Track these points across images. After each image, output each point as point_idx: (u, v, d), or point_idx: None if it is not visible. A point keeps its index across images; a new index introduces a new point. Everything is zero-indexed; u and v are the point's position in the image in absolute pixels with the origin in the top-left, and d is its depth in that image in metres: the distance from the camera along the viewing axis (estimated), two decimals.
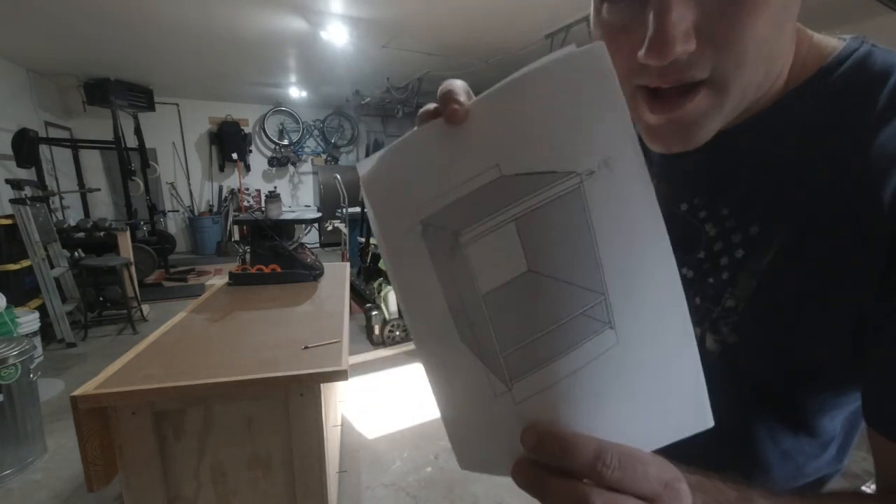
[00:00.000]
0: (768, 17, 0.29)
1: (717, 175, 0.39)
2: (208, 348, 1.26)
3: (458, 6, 3.24)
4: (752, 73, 0.31)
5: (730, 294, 0.37)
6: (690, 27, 0.29)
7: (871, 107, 0.32)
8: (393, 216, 0.28)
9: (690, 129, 0.33)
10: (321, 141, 8.00)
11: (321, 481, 1.17)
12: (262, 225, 2.23)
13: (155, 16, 3.45)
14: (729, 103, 0.32)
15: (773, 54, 0.32)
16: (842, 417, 0.42)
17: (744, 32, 0.29)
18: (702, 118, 0.32)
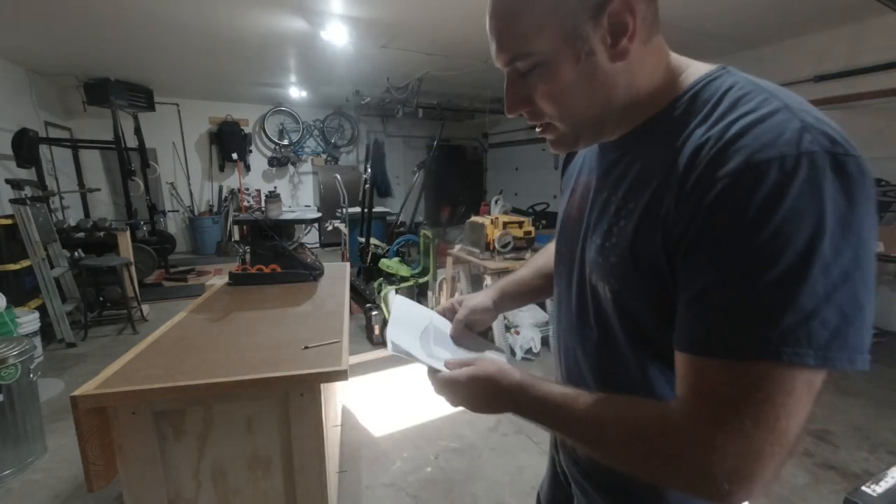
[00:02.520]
0: (560, 91, 0.49)
1: (617, 171, 0.54)
2: (208, 348, 1.26)
3: (458, 6, 3.23)
4: (573, 116, 0.51)
5: (614, 253, 0.51)
6: (520, 99, 0.52)
7: (689, 124, 0.46)
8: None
9: (557, 145, 0.56)
10: (321, 141, 8.00)
11: (321, 481, 1.17)
12: (262, 225, 2.22)
13: (155, 16, 3.45)
14: (573, 131, 0.53)
15: (589, 101, 0.49)
16: None
17: (549, 102, 0.50)
18: (562, 138, 0.54)
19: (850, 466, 2.04)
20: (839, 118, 3.54)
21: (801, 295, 0.37)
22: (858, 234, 0.37)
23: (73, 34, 3.89)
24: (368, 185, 4.45)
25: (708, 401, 0.41)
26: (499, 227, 3.20)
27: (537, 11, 0.46)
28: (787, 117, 0.40)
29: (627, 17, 0.45)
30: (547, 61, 0.47)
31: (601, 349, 0.58)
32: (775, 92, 0.43)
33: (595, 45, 0.46)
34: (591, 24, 0.45)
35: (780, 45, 4.15)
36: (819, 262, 0.36)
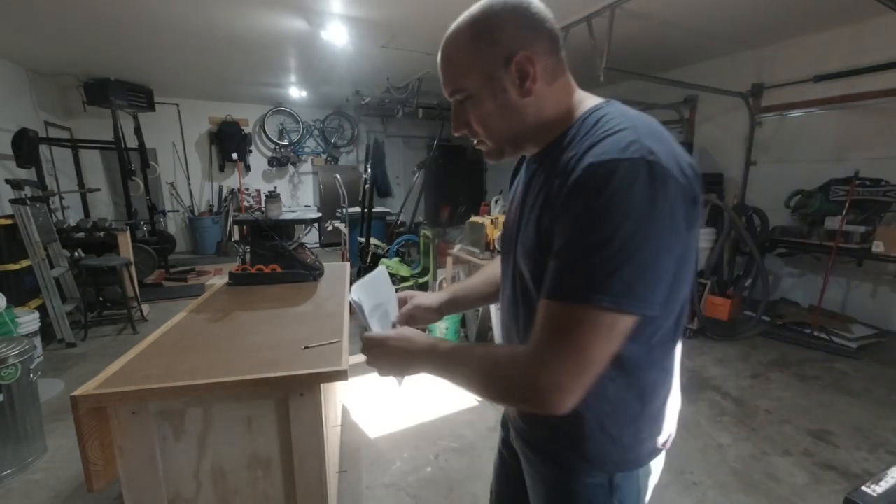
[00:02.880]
0: (483, 118, 0.67)
1: (534, 181, 0.69)
2: (208, 348, 1.26)
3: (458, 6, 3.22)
4: (495, 135, 0.69)
5: (524, 242, 0.67)
6: (460, 122, 0.71)
7: (573, 144, 0.61)
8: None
9: (489, 156, 0.73)
10: (321, 141, 8.00)
11: (321, 481, 1.17)
12: (262, 225, 2.22)
13: (155, 16, 3.45)
14: (497, 146, 0.71)
15: (506, 125, 0.67)
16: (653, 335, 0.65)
17: (478, 125, 0.69)
18: (490, 152, 0.72)
19: (850, 466, 2.04)
20: (839, 118, 3.54)
21: (606, 259, 0.52)
22: (653, 220, 0.52)
23: (73, 34, 3.89)
24: (368, 185, 4.45)
25: (543, 332, 0.57)
26: (499, 227, 3.20)
27: (467, 60, 0.65)
28: (626, 134, 0.55)
29: (529, 67, 0.63)
30: (474, 95, 0.66)
31: (528, 323, 0.67)
32: (633, 118, 0.58)
33: (507, 85, 0.64)
34: (503, 70, 0.63)
35: (780, 45, 4.15)
36: (621, 236, 0.51)
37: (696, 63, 4.90)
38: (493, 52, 0.63)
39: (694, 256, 0.63)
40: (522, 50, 0.62)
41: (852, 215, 3.35)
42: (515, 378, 0.58)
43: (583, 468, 0.69)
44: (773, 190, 4.19)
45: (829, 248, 3.38)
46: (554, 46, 0.65)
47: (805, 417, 2.45)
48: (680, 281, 0.59)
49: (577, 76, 0.74)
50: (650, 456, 0.70)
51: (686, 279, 0.62)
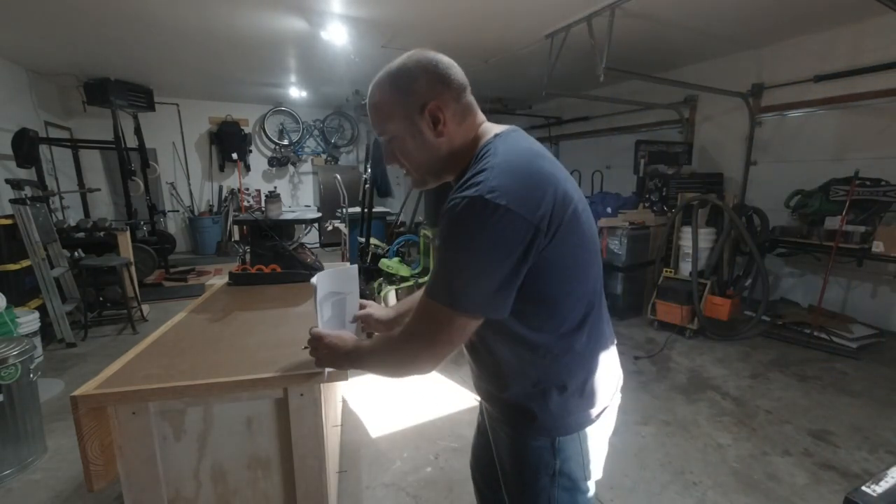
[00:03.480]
0: (405, 153, 0.82)
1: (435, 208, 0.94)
2: (208, 348, 1.26)
3: (459, 6, 3.24)
4: (418, 167, 0.83)
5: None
6: (390, 157, 0.84)
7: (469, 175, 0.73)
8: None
9: (416, 185, 0.88)
10: (321, 141, 8.00)
11: (321, 481, 1.17)
12: (262, 225, 2.22)
13: (155, 16, 3.45)
14: (422, 178, 0.86)
15: (424, 160, 0.82)
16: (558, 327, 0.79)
17: (402, 159, 0.83)
18: (415, 182, 0.88)
19: (850, 466, 2.04)
20: (839, 118, 3.54)
21: (447, 271, 0.71)
22: (480, 245, 0.67)
23: (73, 34, 3.89)
24: (368, 185, 4.45)
25: (413, 318, 0.76)
26: None
27: (388, 108, 0.79)
28: (483, 174, 0.69)
29: (439, 114, 0.77)
30: (397, 136, 0.80)
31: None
32: (501, 156, 0.72)
33: (423, 128, 0.78)
34: (418, 116, 0.77)
35: (780, 45, 4.15)
36: (456, 255, 0.69)
37: (696, 63, 4.90)
38: (409, 101, 0.76)
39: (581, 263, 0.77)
40: (433, 100, 0.76)
41: (852, 215, 3.35)
42: (392, 352, 0.80)
43: (529, 433, 0.84)
44: (773, 190, 4.19)
45: (829, 248, 3.38)
46: (460, 94, 0.79)
47: (805, 417, 2.45)
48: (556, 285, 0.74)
49: (578, 76, 0.76)
50: (584, 424, 0.83)
51: (570, 283, 0.76)
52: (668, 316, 3.67)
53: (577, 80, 5.46)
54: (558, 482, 0.84)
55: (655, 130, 5.52)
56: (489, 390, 0.89)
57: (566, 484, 0.84)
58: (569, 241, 0.72)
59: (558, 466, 0.83)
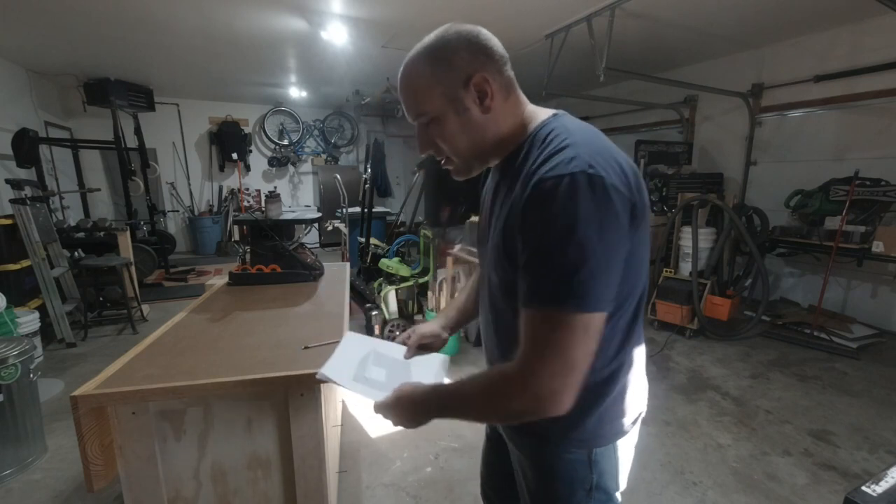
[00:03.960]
0: (448, 136, 0.72)
1: (499, 191, 0.76)
2: (208, 348, 1.26)
3: (458, 6, 3.23)
4: (461, 152, 0.74)
5: (492, 247, 0.73)
6: (426, 143, 0.75)
7: (528, 156, 0.68)
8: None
9: (458, 173, 0.79)
10: (321, 141, 8.00)
11: (321, 481, 1.17)
12: (262, 225, 2.22)
13: (155, 16, 3.45)
14: (462, 163, 0.76)
15: (470, 142, 0.72)
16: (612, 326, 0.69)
17: (443, 143, 0.73)
18: (456, 169, 0.78)
19: (850, 466, 2.04)
20: (839, 118, 3.54)
21: (564, 265, 0.57)
22: (598, 226, 0.57)
23: (73, 34, 3.89)
24: (368, 185, 4.45)
25: (526, 343, 0.62)
26: None
27: (427, 86, 0.70)
28: (569, 150, 0.61)
29: (486, 86, 0.69)
30: (439, 116, 0.71)
31: (500, 324, 0.79)
32: (575, 133, 0.65)
33: (468, 104, 0.70)
34: (463, 91, 0.69)
35: (780, 45, 4.15)
36: (575, 244, 0.57)
37: (696, 63, 4.90)
38: (451, 75, 0.69)
39: (643, 257, 0.69)
40: (478, 71, 0.69)
41: (852, 215, 3.35)
42: (513, 394, 0.62)
43: (563, 445, 0.76)
44: (773, 190, 4.19)
45: (829, 248, 3.38)
46: (503, 66, 0.71)
47: (805, 417, 2.45)
48: (627, 281, 0.66)
49: (578, 76, 0.76)
50: (620, 433, 0.78)
51: (634, 279, 0.68)
52: (668, 316, 3.67)
53: (577, 80, 5.46)
54: (594, 497, 0.77)
55: (655, 130, 5.52)
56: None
57: (602, 498, 0.78)
58: (642, 228, 0.66)
59: (595, 481, 0.76)
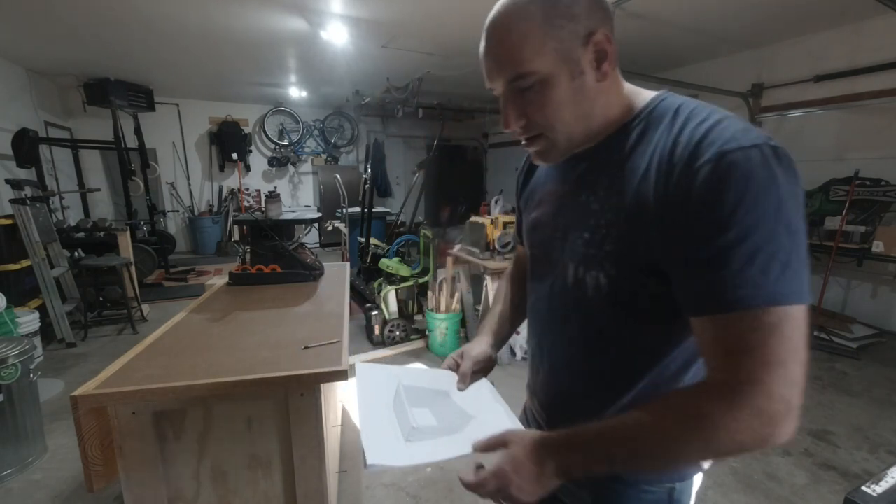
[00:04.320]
0: (557, 104, 0.57)
1: (592, 174, 0.63)
2: (208, 348, 1.26)
3: (458, 6, 3.23)
4: (565, 126, 0.59)
5: (608, 242, 0.58)
6: (518, 115, 0.60)
7: (655, 131, 0.56)
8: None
9: (544, 155, 0.64)
10: (321, 141, 8.00)
11: (321, 481, 1.17)
12: (262, 225, 2.22)
13: (155, 16, 3.45)
14: (561, 141, 0.61)
15: (579, 115, 0.59)
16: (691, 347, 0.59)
17: (545, 114, 0.58)
18: (546, 150, 0.63)
19: (850, 466, 2.04)
20: (839, 118, 3.54)
21: (778, 251, 0.46)
22: (798, 203, 0.48)
23: (73, 34, 3.89)
24: (368, 185, 4.45)
25: (740, 355, 0.47)
26: (499, 227, 3.20)
27: (538, 38, 0.54)
28: (733, 121, 0.51)
29: (607, 46, 0.56)
30: (548, 78, 0.56)
31: (581, 336, 0.65)
32: (713, 107, 0.55)
33: (585, 66, 0.56)
34: (581, 49, 0.55)
35: (780, 45, 4.15)
36: (784, 225, 0.47)
37: (696, 63, 4.90)
38: (570, 28, 0.54)
39: None
40: (599, 27, 0.55)
41: (852, 215, 3.35)
42: (735, 419, 0.46)
43: (642, 479, 0.64)
44: None
45: (830, 247, 3.38)
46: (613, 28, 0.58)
47: (805, 417, 2.45)
48: None
49: None
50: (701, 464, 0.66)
51: None
52: None
53: None
54: None
55: None
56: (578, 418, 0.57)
57: None
58: None
59: None
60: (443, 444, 0.63)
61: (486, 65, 0.59)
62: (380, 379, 0.77)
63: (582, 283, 0.62)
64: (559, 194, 0.69)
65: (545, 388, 0.73)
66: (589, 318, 0.63)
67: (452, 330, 3.26)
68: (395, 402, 0.70)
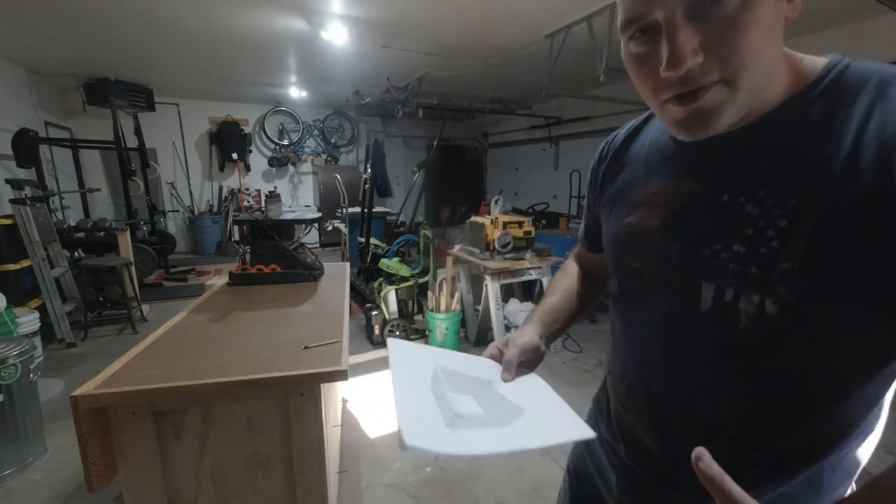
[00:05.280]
0: (757, 32, 0.40)
1: (746, 166, 0.47)
2: (208, 348, 1.26)
3: (458, 6, 3.23)
4: (754, 74, 0.42)
5: (784, 258, 0.43)
6: (697, 46, 0.40)
7: (853, 105, 0.42)
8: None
9: (709, 117, 0.44)
10: (321, 141, 8.00)
11: (321, 481, 1.17)
12: (262, 225, 2.22)
13: (155, 16, 3.45)
14: (740, 97, 0.43)
15: (769, 62, 0.43)
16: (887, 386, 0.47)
17: (740, 44, 0.40)
18: (718, 107, 0.43)
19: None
20: None
21: None
22: None
23: (73, 34, 3.89)
24: (368, 185, 4.46)
25: None
26: (499, 227, 3.20)
27: None
28: None
29: None
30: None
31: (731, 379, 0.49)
32: None
33: None
34: None
35: None
36: None
37: None
38: None
39: None
40: None
41: None
42: None
43: None
44: None
45: None
46: None
47: None
48: None
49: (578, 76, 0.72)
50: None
51: None
52: None
53: (577, 80, 5.45)
54: None
55: None
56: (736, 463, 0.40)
57: None
58: None
59: None
60: (490, 436, 0.54)
61: None
62: (415, 357, 0.68)
63: (731, 309, 0.47)
64: (679, 193, 0.53)
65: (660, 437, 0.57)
66: (735, 356, 0.49)
67: (452, 330, 3.26)
68: (433, 384, 0.61)
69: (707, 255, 0.49)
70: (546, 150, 7.38)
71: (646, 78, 0.46)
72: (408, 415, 0.51)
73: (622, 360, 0.63)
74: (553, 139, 7.35)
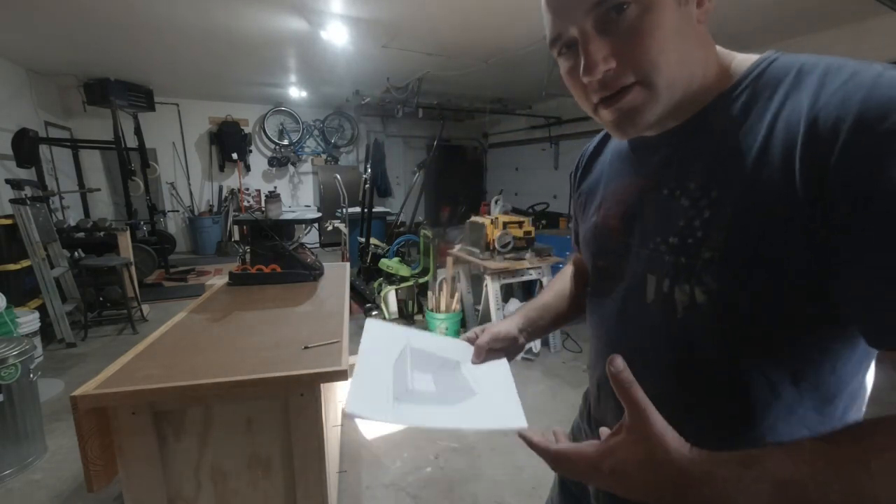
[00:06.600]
0: (662, 35, 0.43)
1: (680, 161, 0.51)
2: (208, 348, 1.26)
3: (459, 6, 3.23)
4: (669, 73, 0.45)
5: (706, 247, 0.46)
6: (608, 53, 0.44)
7: (772, 98, 0.44)
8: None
9: (634, 116, 0.47)
10: (321, 141, 8.00)
11: (321, 481, 1.17)
12: (262, 225, 2.22)
13: (155, 16, 3.45)
14: (661, 96, 0.46)
15: (683, 61, 0.45)
16: (844, 373, 0.47)
17: (646, 47, 0.43)
18: (640, 106, 0.46)
19: None
20: None
21: None
22: None
23: (73, 34, 3.89)
24: (368, 185, 4.46)
25: None
26: (499, 227, 3.20)
27: None
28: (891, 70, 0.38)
29: None
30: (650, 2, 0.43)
31: (679, 369, 0.50)
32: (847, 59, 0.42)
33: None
34: None
35: (780, 46, 4.15)
36: None
37: None
38: None
39: None
40: None
41: None
42: None
43: None
44: None
45: None
46: None
47: None
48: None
49: None
50: None
51: None
52: None
53: None
54: None
55: None
56: None
57: None
58: None
59: None
60: (433, 412, 0.60)
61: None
62: (388, 336, 0.74)
63: (668, 300, 0.49)
64: (630, 191, 0.57)
65: None
66: (679, 343, 0.50)
67: (452, 330, 3.26)
68: (397, 361, 0.68)
69: (652, 249, 0.52)
70: (546, 150, 7.38)
71: (577, 87, 0.50)
72: (358, 385, 0.58)
73: (594, 355, 0.66)
74: (553, 139, 7.35)
